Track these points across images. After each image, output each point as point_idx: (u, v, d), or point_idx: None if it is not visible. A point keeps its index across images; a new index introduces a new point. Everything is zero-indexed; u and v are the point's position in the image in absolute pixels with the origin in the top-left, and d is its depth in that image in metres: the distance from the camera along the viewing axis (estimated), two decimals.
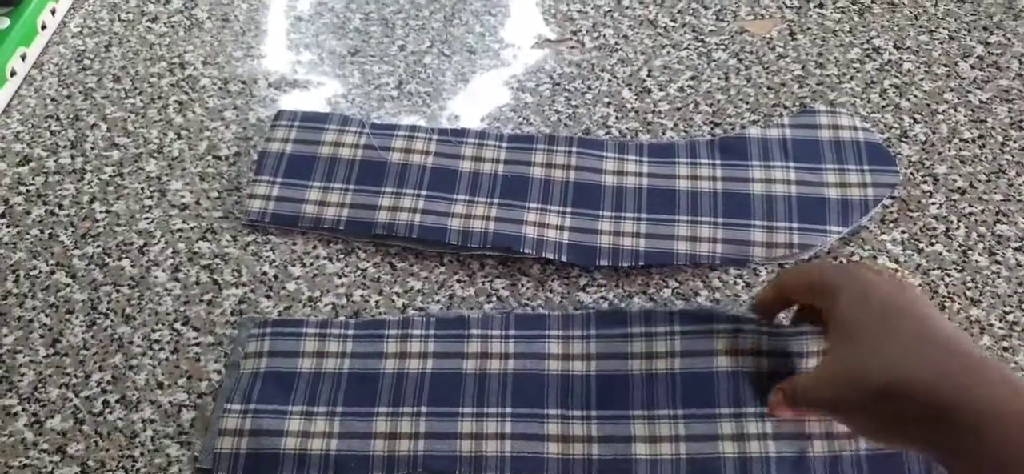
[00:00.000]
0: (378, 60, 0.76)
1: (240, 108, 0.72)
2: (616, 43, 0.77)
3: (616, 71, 0.75)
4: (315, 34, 0.78)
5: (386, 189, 0.65)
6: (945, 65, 0.74)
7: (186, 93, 0.73)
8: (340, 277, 0.62)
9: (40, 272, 0.62)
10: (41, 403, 0.56)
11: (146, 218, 0.65)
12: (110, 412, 0.56)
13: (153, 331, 0.60)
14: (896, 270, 0.61)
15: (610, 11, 0.80)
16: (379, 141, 0.67)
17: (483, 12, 0.80)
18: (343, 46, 0.77)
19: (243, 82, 0.74)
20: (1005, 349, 0.58)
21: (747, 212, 0.64)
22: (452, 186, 0.65)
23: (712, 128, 0.70)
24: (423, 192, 0.64)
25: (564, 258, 0.61)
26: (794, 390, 0.51)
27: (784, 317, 0.58)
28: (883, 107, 0.72)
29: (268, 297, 0.61)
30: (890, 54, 0.75)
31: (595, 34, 0.78)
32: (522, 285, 0.62)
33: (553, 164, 0.66)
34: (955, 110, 0.71)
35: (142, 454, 0.55)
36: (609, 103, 0.73)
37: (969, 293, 0.61)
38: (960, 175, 0.67)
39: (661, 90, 0.74)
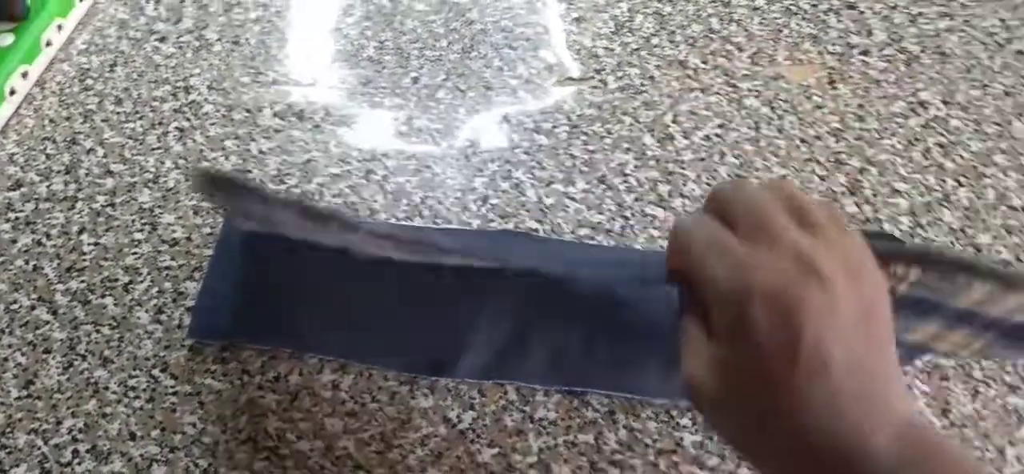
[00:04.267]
0: (390, 92, 0.72)
1: (242, 138, 0.69)
2: (641, 84, 0.73)
3: (639, 114, 0.71)
4: (328, 62, 0.75)
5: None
6: (997, 123, 0.69)
7: (188, 119, 0.71)
8: None
9: (20, 306, 0.60)
10: (7, 450, 0.54)
11: (134, 253, 0.62)
12: (79, 463, 0.53)
13: (130, 377, 0.57)
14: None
15: (637, 49, 0.76)
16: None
17: (503, 45, 0.76)
18: (355, 76, 0.74)
19: (248, 110, 0.71)
20: None
21: None
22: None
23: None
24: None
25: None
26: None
27: None
28: (925, 167, 0.66)
29: (252, 345, 0.58)
30: (937, 109, 0.70)
31: (620, 73, 0.74)
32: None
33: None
34: (1005, 174, 0.66)
35: None
36: (628, 149, 0.68)
37: (1007, 379, 0.56)
38: (1005, 246, 0.62)
39: (685, 137, 0.69)
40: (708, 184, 0.66)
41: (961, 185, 0.65)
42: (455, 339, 0.57)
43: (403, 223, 0.64)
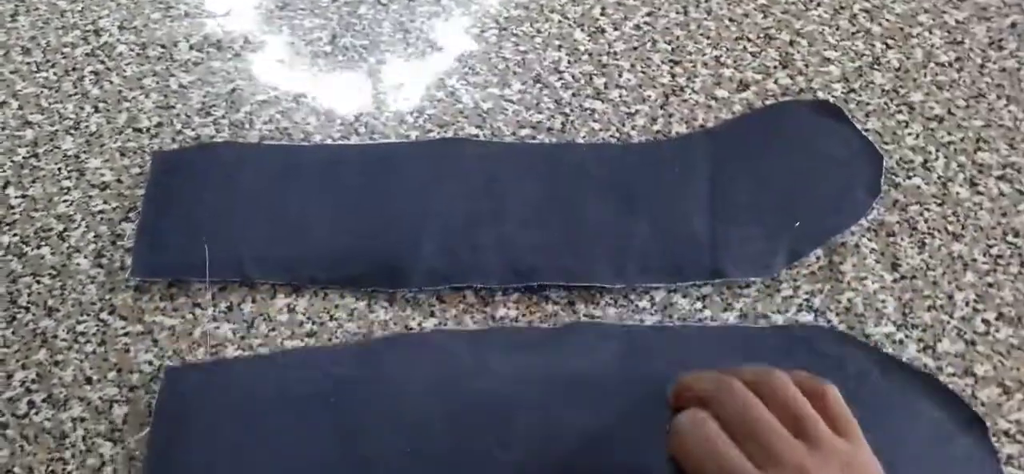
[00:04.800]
0: (309, 13, 0.70)
1: (160, 74, 0.67)
2: None
3: (567, 11, 0.70)
4: None
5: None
6: None
7: (102, 62, 0.68)
8: None
9: None
10: None
11: (65, 201, 0.60)
12: (36, 413, 0.51)
13: (78, 322, 0.55)
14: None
15: None
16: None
17: None
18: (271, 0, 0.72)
19: (163, 46, 0.69)
20: (990, 285, 0.55)
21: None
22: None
23: (672, 67, 0.66)
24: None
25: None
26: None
27: None
28: (853, 33, 0.68)
29: (199, 279, 0.56)
30: None
31: None
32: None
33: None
34: (930, 32, 0.67)
35: (73, 455, 0.50)
36: (560, 46, 0.68)
37: (950, 227, 0.58)
38: (937, 102, 0.63)
39: (616, 29, 0.69)
40: (643, 73, 0.66)
41: (889, 47, 0.67)
42: (408, 242, 0.56)
43: (342, 144, 0.63)
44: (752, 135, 0.62)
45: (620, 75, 0.66)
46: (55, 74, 0.67)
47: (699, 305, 0.55)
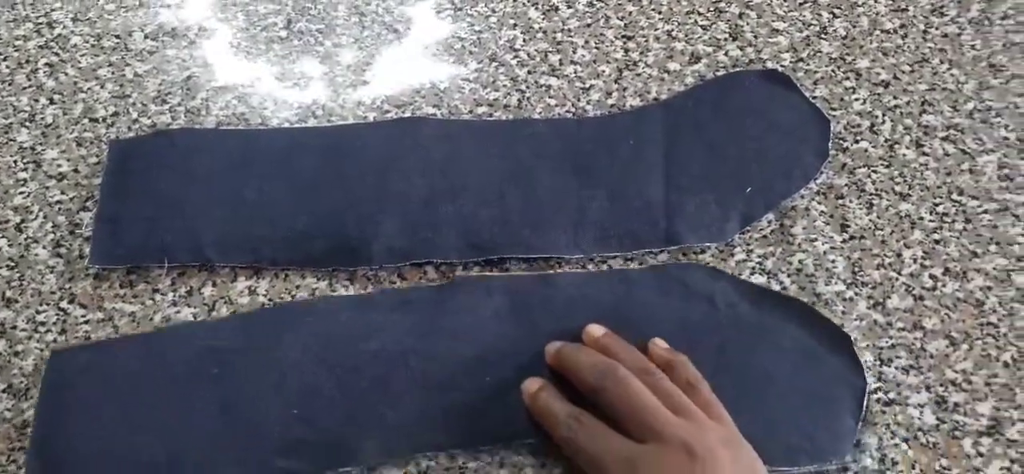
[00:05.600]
0: None
1: (116, 64, 0.67)
2: None
3: None
4: None
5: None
6: None
7: (56, 54, 0.67)
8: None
9: None
10: None
11: (21, 192, 0.60)
12: None
13: (37, 312, 0.55)
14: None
15: None
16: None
17: None
18: None
19: (117, 36, 0.68)
20: (936, 241, 0.56)
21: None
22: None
23: (625, 42, 0.67)
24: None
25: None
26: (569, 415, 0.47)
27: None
28: (800, 4, 0.69)
29: (160, 268, 0.56)
30: None
31: None
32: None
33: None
34: (875, 1, 0.69)
35: None
36: (515, 25, 0.69)
37: (897, 188, 0.59)
38: (883, 68, 0.65)
39: (569, 6, 0.70)
40: (597, 49, 0.67)
41: (835, 16, 0.68)
42: (368, 221, 0.57)
43: (299, 127, 0.63)
44: (703, 105, 0.63)
45: (574, 51, 0.67)
46: (8, 67, 0.67)
47: None
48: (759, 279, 0.55)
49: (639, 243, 0.57)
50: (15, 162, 0.61)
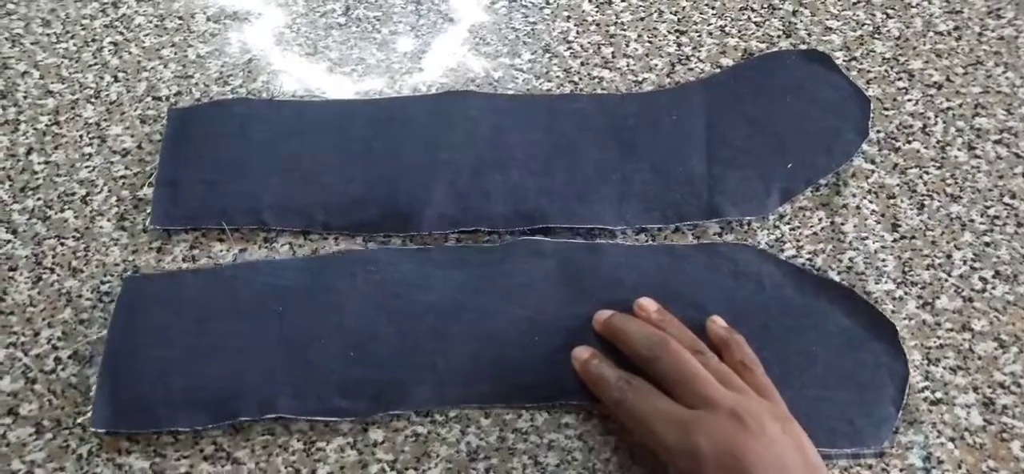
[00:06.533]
0: None
1: (178, 45, 0.68)
2: None
3: None
4: None
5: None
6: None
7: (121, 33, 0.69)
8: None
9: None
10: None
11: (87, 167, 0.62)
12: (62, 369, 0.53)
13: (102, 282, 0.56)
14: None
15: None
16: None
17: None
18: None
19: (180, 18, 0.70)
20: (987, 244, 0.57)
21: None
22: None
23: (677, 37, 0.68)
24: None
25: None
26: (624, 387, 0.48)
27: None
28: (854, 4, 0.69)
29: (221, 241, 0.58)
30: None
31: None
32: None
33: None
34: (929, 2, 0.69)
35: None
36: (569, 17, 0.69)
37: (949, 189, 0.59)
38: (936, 69, 0.65)
39: (623, 0, 0.70)
40: (650, 43, 0.67)
41: (889, 17, 0.68)
42: (419, 189, 0.58)
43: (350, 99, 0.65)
44: (745, 82, 0.64)
45: (627, 45, 0.68)
46: (75, 45, 0.69)
47: None
48: (775, 256, 0.56)
49: (682, 216, 0.58)
50: (81, 137, 0.63)
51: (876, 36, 0.67)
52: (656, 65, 0.66)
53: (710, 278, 0.55)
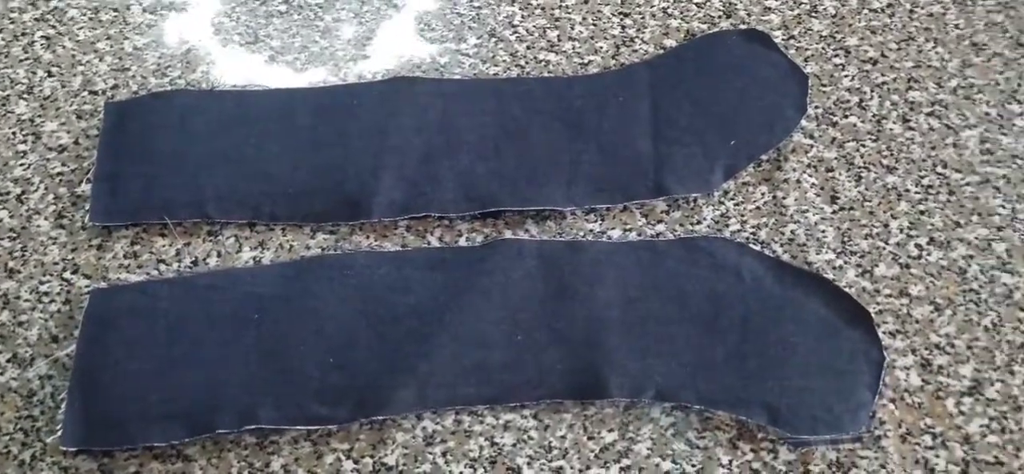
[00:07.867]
0: None
1: (114, 37, 0.67)
2: None
3: None
4: None
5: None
6: None
7: (53, 27, 0.68)
8: None
9: None
10: None
11: (21, 164, 0.60)
12: (2, 374, 0.52)
13: (41, 283, 0.55)
14: None
15: None
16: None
17: None
18: None
19: (115, 9, 0.69)
20: (921, 212, 0.58)
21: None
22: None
23: (622, 19, 0.68)
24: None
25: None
26: None
27: None
28: None
29: (163, 236, 0.57)
30: None
31: None
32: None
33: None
34: None
35: (42, 412, 0.51)
36: (514, 1, 0.69)
37: (884, 161, 0.61)
38: (871, 46, 0.67)
39: None
40: (594, 25, 0.68)
41: None
42: (367, 176, 0.58)
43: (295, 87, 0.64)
44: (688, 63, 0.65)
45: (573, 27, 0.68)
46: (3, 39, 0.67)
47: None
48: (754, 247, 0.57)
49: (629, 195, 0.59)
50: (14, 134, 0.62)
51: (813, 15, 0.68)
52: (601, 48, 0.67)
53: (690, 272, 0.55)
